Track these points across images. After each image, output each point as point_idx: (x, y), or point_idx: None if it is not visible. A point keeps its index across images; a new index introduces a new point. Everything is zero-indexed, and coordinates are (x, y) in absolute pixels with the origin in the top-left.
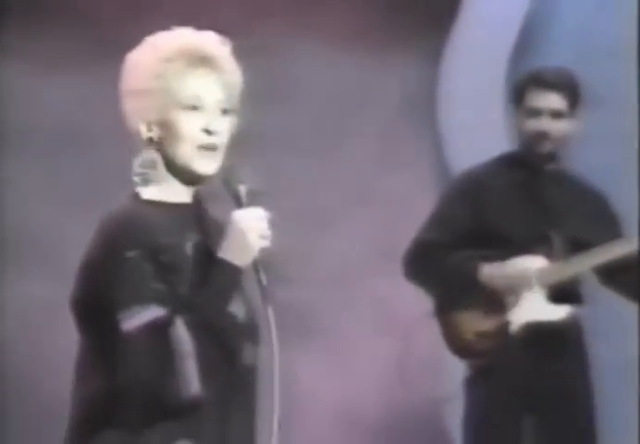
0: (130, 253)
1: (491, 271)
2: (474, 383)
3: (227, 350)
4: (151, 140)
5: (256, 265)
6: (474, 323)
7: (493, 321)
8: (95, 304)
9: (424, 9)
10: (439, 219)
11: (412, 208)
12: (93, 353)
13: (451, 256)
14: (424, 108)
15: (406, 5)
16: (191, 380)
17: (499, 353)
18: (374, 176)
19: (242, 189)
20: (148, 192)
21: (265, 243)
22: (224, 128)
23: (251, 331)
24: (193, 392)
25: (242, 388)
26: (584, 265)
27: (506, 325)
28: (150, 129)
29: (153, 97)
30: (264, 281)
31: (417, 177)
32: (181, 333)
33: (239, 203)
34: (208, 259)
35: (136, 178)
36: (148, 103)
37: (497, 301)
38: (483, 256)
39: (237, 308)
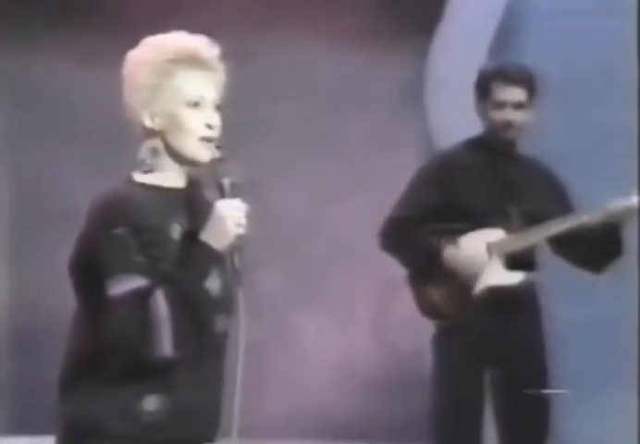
0: (117, 230)
1: (452, 253)
2: (441, 340)
3: (200, 319)
4: (152, 130)
5: (232, 249)
6: (441, 289)
7: (457, 286)
8: (86, 272)
9: (412, 9)
10: (410, 198)
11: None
12: (83, 313)
13: (419, 233)
14: (413, 97)
15: (397, 5)
16: (165, 344)
17: (463, 315)
18: (370, 158)
19: (226, 181)
20: (142, 177)
21: (241, 231)
22: (218, 122)
23: (225, 303)
24: (165, 354)
25: (213, 352)
26: (537, 236)
27: (468, 288)
28: (153, 121)
29: (159, 93)
30: (238, 264)
31: (407, 158)
32: (159, 302)
33: (222, 194)
34: (193, 240)
35: (141, 165)
36: (153, 98)
37: (460, 268)
38: (449, 230)
39: (213, 282)
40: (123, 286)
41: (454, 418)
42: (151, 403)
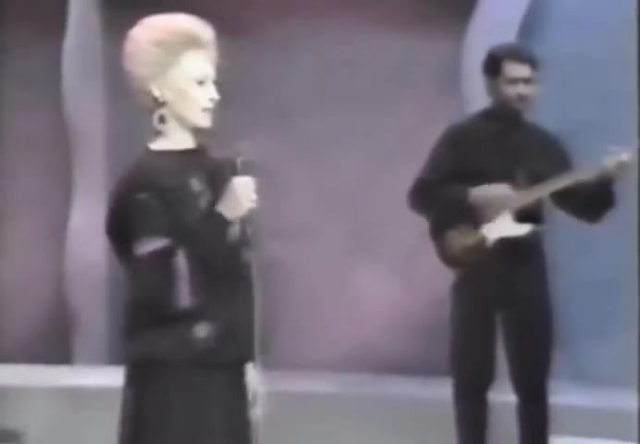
0: (141, 196)
1: (476, 193)
2: (460, 287)
3: (215, 274)
4: (160, 100)
5: (244, 220)
6: (459, 240)
7: (473, 238)
8: (117, 235)
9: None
10: (432, 162)
11: None
12: (125, 269)
13: (442, 189)
14: (452, 77)
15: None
16: (184, 297)
17: (479, 263)
18: (415, 129)
19: (239, 160)
20: (157, 145)
21: (253, 205)
22: (217, 95)
23: (244, 241)
24: (184, 306)
25: (242, 282)
26: (541, 192)
27: (483, 241)
28: (161, 93)
29: (168, 70)
30: (249, 233)
31: None
32: (180, 261)
33: (234, 172)
34: (210, 189)
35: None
36: (162, 73)
37: (476, 223)
38: (466, 189)
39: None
40: (148, 246)
41: (469, 353)
42: (201, 331)
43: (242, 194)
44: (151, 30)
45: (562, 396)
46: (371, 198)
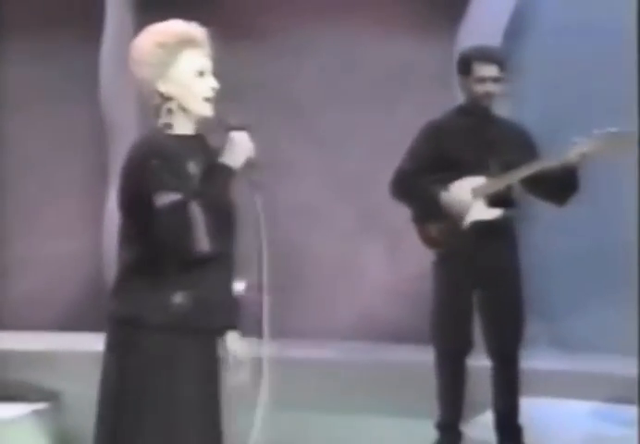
0: (155, 161)
1: (446, 196)
2: (439, 265)
3: (226, 221)
4: (166, 95)
5: (246, 166)
6: (437, 225)
7: (450, 222)
8: (136, 193)
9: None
10: (411, 154)
11: None
12: (132, 227)
13: (419, 182)
14: (447, 77)
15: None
16: (202, 241)
17: (456, 244)
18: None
19: (231, 120)
20: (168, 130)
21: (251, 154)
22: (217, 85)
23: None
24: (203, 248)
25: (224, 258)
26: (510, 179)
27: (459, 224)
28: (166, 88)
29: (170, 67)
30: (254, 177)
31: None
32: (194, 210)
33: (229, 128)
34: (205, 171)
35: (164, 121)
36: (166, 71)
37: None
38: (441, 179)
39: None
40: (165, 199)
41: (448, 324)
42: (178, 298)
43: (240, 145)
44: (152, 35)
45: (541, 361)
46: (374, 185)
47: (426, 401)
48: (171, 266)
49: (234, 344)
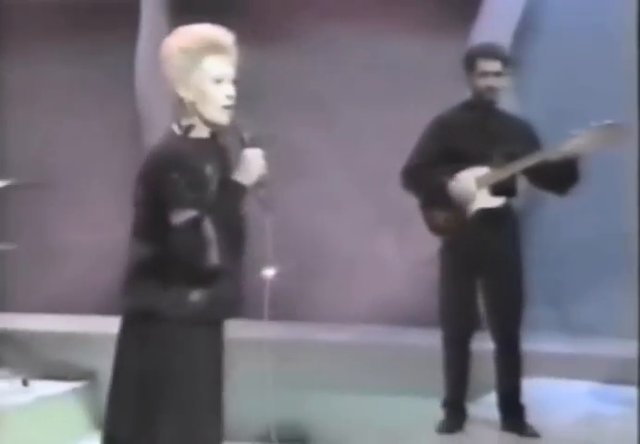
0: (173, 175)
1: (452, 186)
2: (445, 251)
3: (237, 237)
4: (186, 100)
5: (257, 185)
6: (443, 213)
7: (456, 210)
8: (155, 203)
9: (459, 5)
10: (420, 147)
11: None
12: (150, 228)
13: (427, 173)
14: (458, 72)
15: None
16: (213, 256)
17: (460, 231)
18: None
19: (246, 135)
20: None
21: (263, 171)
22: (235, 93)
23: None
24: (214, 263)
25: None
26: (513, 170)
27: (464, 212)
28: (187, 93)
29: (192, 73)
30: (263, 196)
31: None
32: (208, 226)
33: (243, 145)
34: (221, 174)
35: (182, 124)
36: (187, 76)
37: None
38: (448, 170)
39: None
40: (182, 216)
41: (454, 308)
42: (195, 295)
43: (253, 163)
44: (178, 38)
45: (547, 344)
46: (390, 177)
47: (438, 382)
48: (187, 268)
49: None
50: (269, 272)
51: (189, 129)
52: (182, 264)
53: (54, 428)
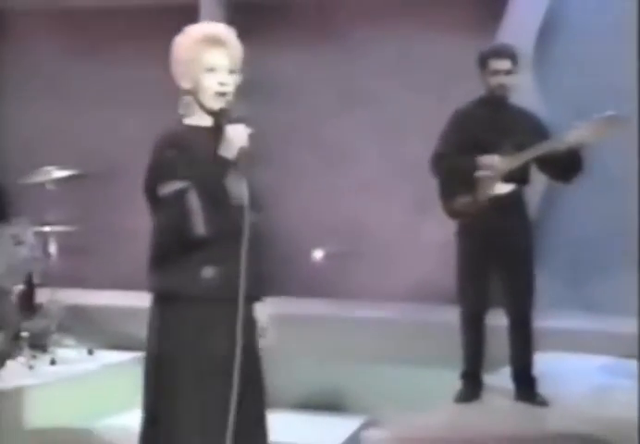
0: (168, 152)
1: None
2: (461, 234)
3: (222, 208)
4: (187, 90)
5: (239, 157)
6: (460, 198)
7: (471, 196)
8: (151, 183)
9: (487, 8)
10: (443, 139)
11: None
12: (153, 215)
13: (452, 160)
14: None
15: (477, 5)
16: (198, 226)
17: (475, 214)
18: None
19: (232, 113)
20: (188, 120)
21: (244, 145)
22: (230, 81)
23: (253, 203)
24: (200, 233)
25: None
26: (522, 159)
27: (478, 197)
28: (188, 84)
29: (192, 65)
30: (242, 168)
31: None
32: (192, 197)
33: (229, 122)
34: (215, 156)
35: (181, 112)
36: (188, 68)
37: (472, 184)
38: (469, 158)
39: (234, 186)
40: (168, 188)
41: (470, 287)
42: (207, 272)
43: (234, 137)
44: (184, 36)
45: (566, 321)
46: (426, 165)
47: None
48: (197, 245)
49: (259, 314)
50: (318, 254)
51: (185, 116)
52: (172, 234)
53: (116, 393)
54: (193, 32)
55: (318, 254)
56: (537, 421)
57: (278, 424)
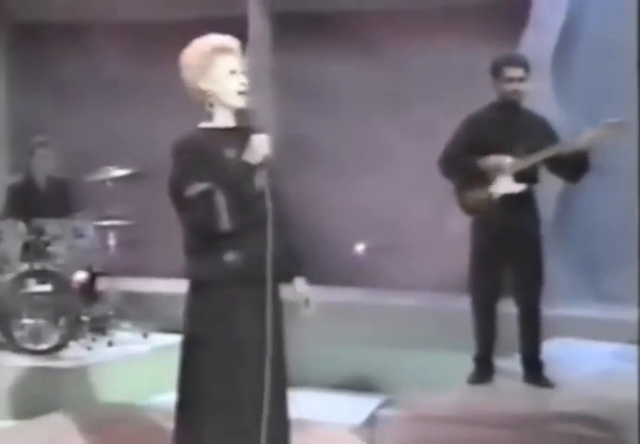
0: (187, 155)
1: (487, 159)
2: (474, 230)
3: (246, 207)
4: (206, 91)
5: (262, 164)
6: (474, 195)
7: (484, 194)
8: (175, 186)
9: (509, 20)
10: (453, 140)
11: None
12: (180, 214)
13: (461, 160)
14: None
15: (499, 17)
16: (224, 222)
17: (488, 211)
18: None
19: (256, 125)
20: (205, 124)
21: (267, 152)
22: (247, 82)
23: (268, 191)
24: (225, 228)
25: (264, 222)
26: (532, 160)
27: (491, 195)
28: (206, 85)
29: (208, 69)
30: (266, 174)
31: None
32: (218, 197)
33: (254, 131)
34: (239, 158)
35: (206, 114)
36: (204, 72)
37: (485, 183)
38: (478, 159)
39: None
40: (193, 190)
41: (482, 277)
42: (229, 256)
43: (258, 145)
44: (194, 45)
45: (580, 310)
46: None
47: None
48: (223, 236)
49: (300, 287)
50: (360, 247)
51: (210, 116)
52: (200, 231)
53: (167, 373)
54: (206, 42)
55: (360, 248)
56: (543, 402)
57: (307, 402)
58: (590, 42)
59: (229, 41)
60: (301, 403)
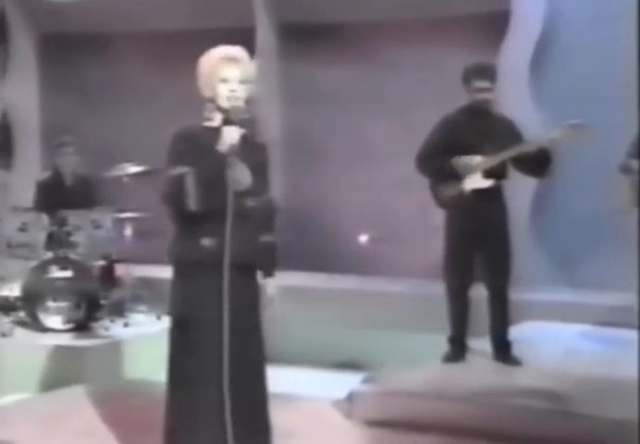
0: (178, 144)
1: (458, 159)
2: (447, 222)
3: (213, 190)
4: (208, 98)
5: (229, 152)
6: (447, 190)
7: (456, 189)
8: (163, 168)
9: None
10: (430, 139)
11: None
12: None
13: (436, 159)
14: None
15: (485, 26)
16: (192, 203)
17: (460, 204)
18: None
19: (237, 118)
20: (205, 122)
21: (234, 142)
22: (239, 89)
23: (250, 190)
24: (192, 207)
25: (243, 217)
26: (500, 158)
27: (462, 190)
28: (209, 93)
29: (211, 78)
30: (232, 160)
31: None
32: (189, 180)
33: (230, 124)
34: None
35: (206, 116)
36: (209, 81)
37: (457, 179)
38: (451, 158)
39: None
40: (172, 172)
41: (455, 264)
42: (206, 241)
43: (226, 135)
44: (206, 56)
45: (559, 295)
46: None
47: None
48: (199, 221)
49: (267, 285)
50: (363, 238)
51: (209, 118)
52: (171, 207)
53: None
54: (214, 52)
55: (363, 238)
56: (511, 378)
57: (296, 378)
58: (565, 49)
59: (235, 51)
60: (291, 380)
